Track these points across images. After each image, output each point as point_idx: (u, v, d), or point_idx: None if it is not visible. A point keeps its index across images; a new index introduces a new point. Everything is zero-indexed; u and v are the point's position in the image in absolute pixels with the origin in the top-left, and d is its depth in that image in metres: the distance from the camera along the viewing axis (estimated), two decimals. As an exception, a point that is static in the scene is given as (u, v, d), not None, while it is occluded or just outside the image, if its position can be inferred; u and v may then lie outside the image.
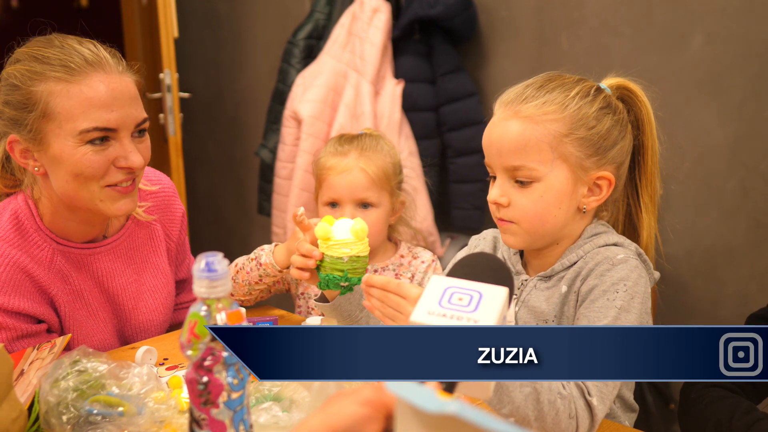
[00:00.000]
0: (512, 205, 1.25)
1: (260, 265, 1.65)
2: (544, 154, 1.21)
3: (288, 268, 1.64)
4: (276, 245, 1.68)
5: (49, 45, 1.35)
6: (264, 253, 1.67)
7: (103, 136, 1.34)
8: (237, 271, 1.69)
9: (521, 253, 1.38)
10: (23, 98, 1.32)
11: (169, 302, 1.64)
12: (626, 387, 1.36)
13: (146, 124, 1.41)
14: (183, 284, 1.74)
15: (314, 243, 1.32)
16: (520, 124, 1.23)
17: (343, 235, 1.24)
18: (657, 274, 1.31)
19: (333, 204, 1.76)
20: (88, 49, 1.36)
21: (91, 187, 1.36)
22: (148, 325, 1.59)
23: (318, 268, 1.28)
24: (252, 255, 1.70)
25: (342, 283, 1.25)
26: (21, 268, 1.39)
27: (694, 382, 1.44)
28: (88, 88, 1.32)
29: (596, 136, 1.23)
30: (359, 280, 1.24)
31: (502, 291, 0.78)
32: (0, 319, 1.38)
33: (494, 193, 1.26)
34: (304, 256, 1.30)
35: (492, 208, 1.29)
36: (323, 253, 1.26)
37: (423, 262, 1.80)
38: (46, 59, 1.33)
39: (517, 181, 1.24)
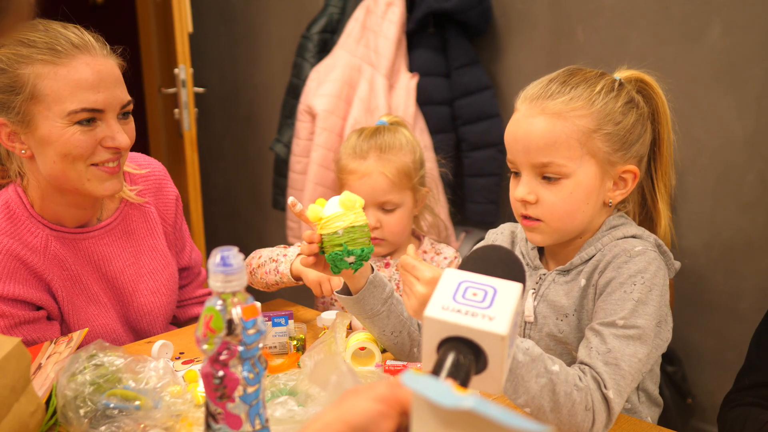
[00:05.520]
0: (540, 203, 1.24)
1: (278, 272, 1.65)
2: (574, 150, 1.21)
3: (300, 279, 1.64)
4: (300, 255, 1.65)
5: (34, 29, 1.38)
6: (285, 260, 1.65)
7: (91, 117, 1.37)
8: (258, 266, 1.68)
9: (540, 248, 1.37)
10: (10, 81, 1.35)
11: (171, 284, 1.64)
12: (651, 380, 1.34)
13: (130, 107, 1.44)
14: (188, 274, 1.75)
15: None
16: (547, 120, 1.21)
17: (333, 210, 1.22)
18: (678, 264, 1.30)
19: None
20: (74, 33, 1.38)
21: (78, 166, 1.38)
22: (150, 307, 1.59)
23: (324, 253, 1.25)
24: (275, 254, 1.68)
25: (346, 258, 1.21)
26: (15, 256, 1.42)
27: (730, 398, 1.47)
28: (75, 70, 1.35)
29: (623, 131, 1.23)
30: (363, 251, 1.21)
31: (517, 287, 0.76)
32: None
33: (521, 190, 1.24)
34: (308, 243, 1.27)
35: (517, 205, 1.27)
36: (321, 235, 1.23)
37: (445, 258, 1.81)
38: (32, 42, 1.35)
39: (544, 178, 1.23)
